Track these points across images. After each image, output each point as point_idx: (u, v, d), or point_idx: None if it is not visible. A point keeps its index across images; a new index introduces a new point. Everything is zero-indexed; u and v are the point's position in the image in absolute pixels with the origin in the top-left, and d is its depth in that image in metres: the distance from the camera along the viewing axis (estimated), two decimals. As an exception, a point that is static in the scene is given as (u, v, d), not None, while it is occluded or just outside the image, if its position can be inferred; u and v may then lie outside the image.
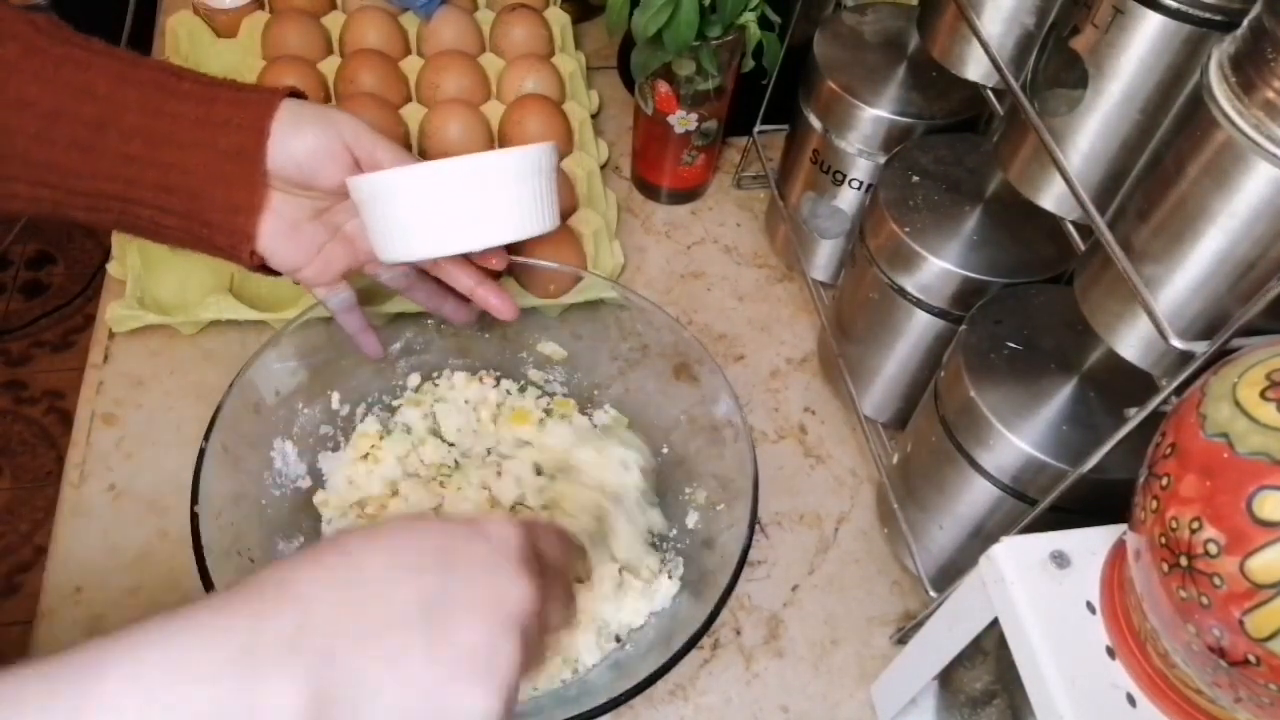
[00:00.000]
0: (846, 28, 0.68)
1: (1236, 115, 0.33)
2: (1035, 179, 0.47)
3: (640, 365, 0.64)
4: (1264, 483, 0.30)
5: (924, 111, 0.63)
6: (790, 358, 0.74)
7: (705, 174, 0.82)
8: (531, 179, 0.53)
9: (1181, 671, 0.36)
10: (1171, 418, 0.35)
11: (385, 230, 0.53)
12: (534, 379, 0.67)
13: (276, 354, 0.59)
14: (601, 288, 0.64)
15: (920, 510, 0.58)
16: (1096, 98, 0.42)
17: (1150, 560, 0.34)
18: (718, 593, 0.51)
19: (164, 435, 0.65)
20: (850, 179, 0.67)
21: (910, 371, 0.63)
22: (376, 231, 0.53)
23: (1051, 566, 0.41)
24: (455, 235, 0.52)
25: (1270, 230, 0.34)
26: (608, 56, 0.91)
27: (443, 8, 0.84)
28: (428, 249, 0.53)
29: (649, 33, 0.65)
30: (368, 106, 0.76)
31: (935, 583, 0.58)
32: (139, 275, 0.69)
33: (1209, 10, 0.37)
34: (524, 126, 0.77)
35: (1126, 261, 0.39)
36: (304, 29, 0.82)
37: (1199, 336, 0.38)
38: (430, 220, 0.52)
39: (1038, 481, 0.49)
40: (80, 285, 1.81)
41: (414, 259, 0.54)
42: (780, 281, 0.79)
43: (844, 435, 0.70)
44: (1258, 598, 0.30)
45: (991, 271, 0.55)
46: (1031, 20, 0.49)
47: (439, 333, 0.65)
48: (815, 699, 0.58)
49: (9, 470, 1.59)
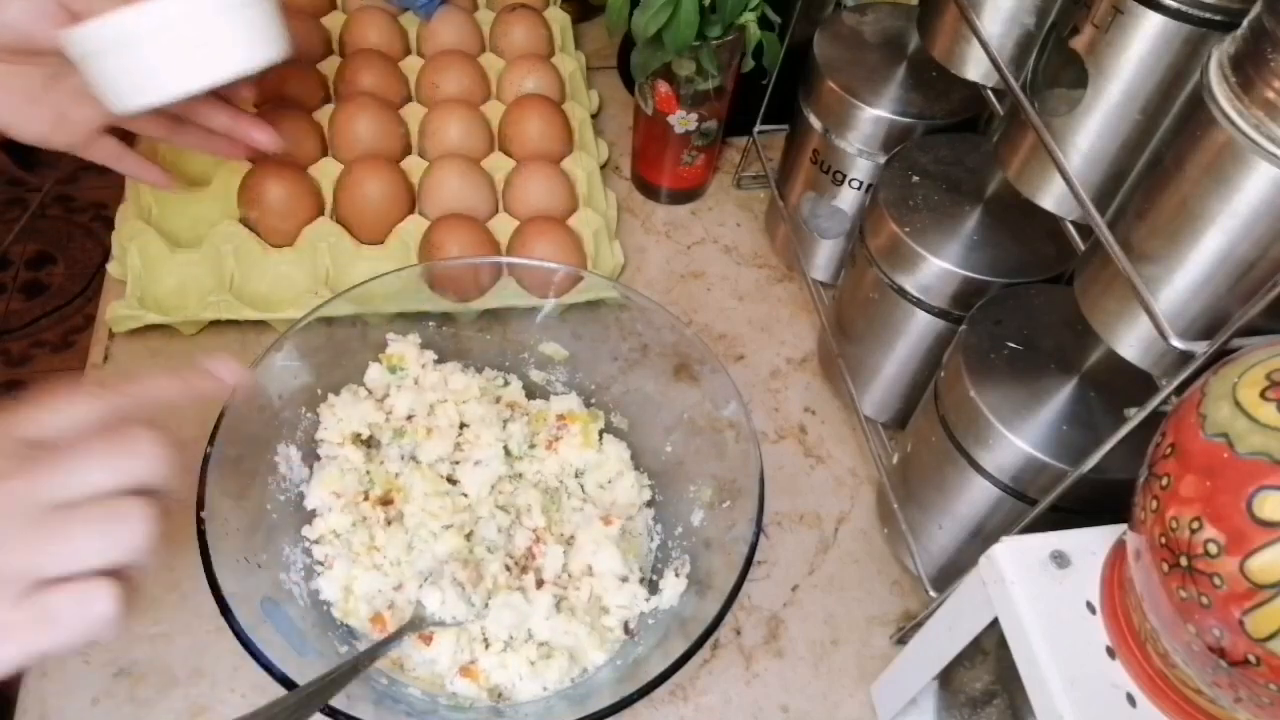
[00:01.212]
0: (846, 28, 0.68)
1: (1236, 115, 0.33)
2: (1035, 179, 0.47)
3: (640, 365, 0.64)
4: (1264, 483, 0.30)
5: (924, 111, 0.63)
6: (790, 358, 0.74)
7: (705, 174, 0.82)
8: (249, 3, 0.52)
9: (1181, 671, 0.36)
10: (1171, 418, 0.35)
11: (112, 80, 0.51)
12: (535, 379, 0.67)
13: (281, 356, 0.59)
14: (602, 287, 0.64)
15: (920, 510, 0.58)
16: (1096, 98, 0.42)
17: (1150, 560, 0.34)
18: (723, 593, 0.51)
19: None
20: (850, 179, 0.67)
21: (910, 371, 0.63)
22: (103, 83, 0.51)
23: (1051, 566, 0.41)
24: (184, 72, 0.51)
25: (1270, 230, 0.34)
26: (608, 56, 0.91)
27: (443, 8, 0.84)
28: (160, 91, 0.51)
29: (649, 33, 0.65)
30: (368, 106, 0.76)
31: (935, 583, 0.58)
32: (139, 275, 0.69)
33: (1209, 10, 0.37)
34: (524, 126, 0.77)
35: (1126, 261, 0.39)
36: (304, 29, 0.82)
37: (1199, 336, 0.38)
38: (156, 60, 0.50)
39: (1038, 481, 0.49)
40: (80, 285, 1.81)
41: (148, 104, 0.52)
42: (780, 281, 0.79)
43: (844, 435, 0.70)
44: (1258, 598, 0.30)
45: (991, 271, 0.55)
46: (1031, 20, 0.49)
47: (439, 334, 0.65)
48: (815, 699, 0.58)
49: (9, 470, 1.58)
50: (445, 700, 0.54)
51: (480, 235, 0.71)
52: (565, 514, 0.60)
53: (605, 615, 0.57)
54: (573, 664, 0.55)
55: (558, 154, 0.77)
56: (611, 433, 0.65)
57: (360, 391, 0.63)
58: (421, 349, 0.64)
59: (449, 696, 0.54)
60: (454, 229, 0.70)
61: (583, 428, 0.63)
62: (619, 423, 0.65)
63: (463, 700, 0.54)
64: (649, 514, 0.62)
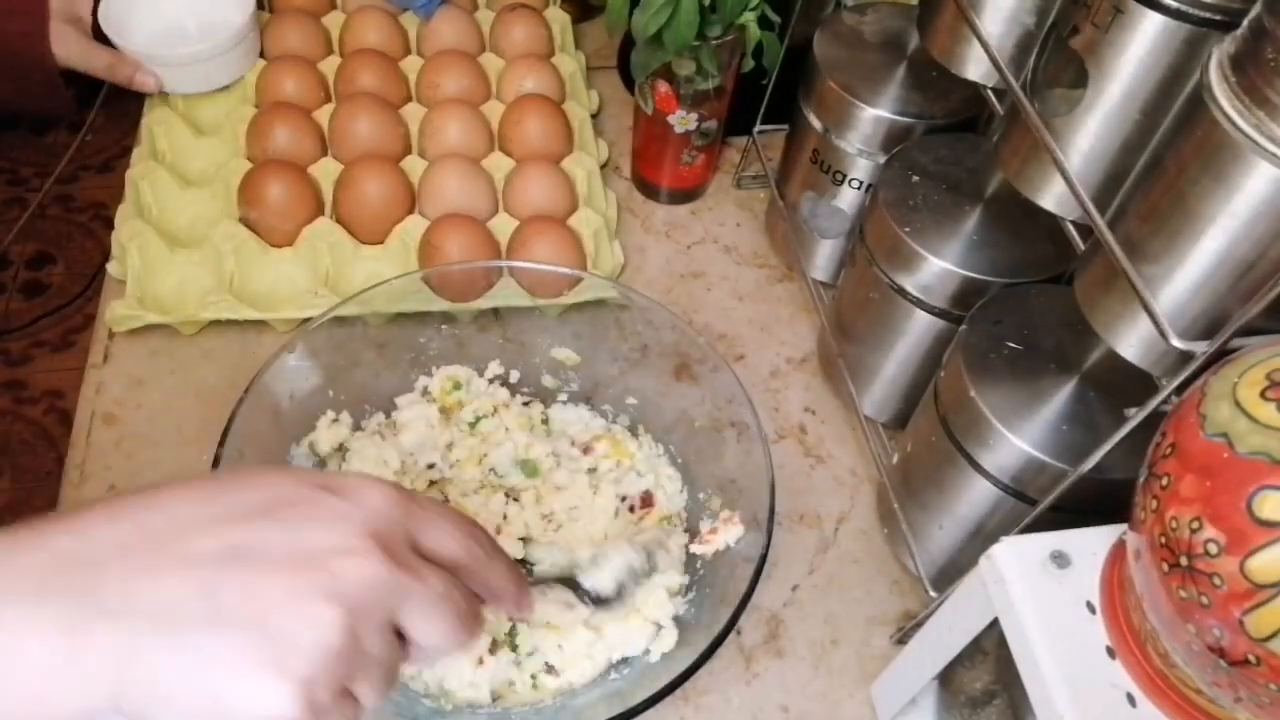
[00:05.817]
0: (846, 28, 0.68)
1: (1236, 115, 0.33)
2: (1035, 179, 0.47)
3: (640, 366, 0.64)
4: (1264, 483, 0.30)
5: (924, 111, 0.63)
6: (790, 358, 0.74)
7: (705, 174, 0.82)
8: None
9: (1181, 671, 0.36)
10: (1171, 418, 0.35)
11: None
12: (547, 385, 0.67)
13: (294, 357, 0.59)
14: (602, 288, 0.64)
15: (920, 510, 0.58)
16: (1096, 98, 0.42)
17: (1150, 560, 0.34)
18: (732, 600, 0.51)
19: (164, 435, 0.65)
20: (850, 179, 0.67)
21: (910, 371, 0.63)
22: None
23: (1051, 566, 0.41)
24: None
25: (1270, 230, 0.34)
26: (608, 56, 0.91)
27: (443, 8, 0.84)
28: None
29: (649, 33, 0.65)
30: (368, 106, 0.76)
31: (935, 583, 0.58)
32: (139, 275, 0.69)
33: (1209, 10, 0.37)
34: (524, 126, 0.77)
35: (1127, 261, 0.39)
36: (304, 29, 0.83)
37: (1199, 336, 0.38)
38: None
39: (1038, 481, 0.49)
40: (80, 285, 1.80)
41: None
42: (780, 281, 0.79)
43: (844, 435, 0.70)
44: (1258, 598, 0.30)
45: (991, 271, 0.55)
46: (1031, 20, 0.49)
47: (439, 333, 0.65)
48: (815, 699, 0.58)
49: (9, 470, 1.59)
50: (430, 702, 0.54)
51: (480, 235, 0.71)
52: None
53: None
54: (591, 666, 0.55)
55: (558, 154, 0.77)
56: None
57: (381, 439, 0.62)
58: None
59: (441, 696, 0.54)
60: (454, 229, 0.70)
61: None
62: (621, 423, 0.65)
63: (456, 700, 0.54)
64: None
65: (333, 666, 0.29)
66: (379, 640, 0.31)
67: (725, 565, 0.56)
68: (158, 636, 0.28)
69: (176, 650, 0.28)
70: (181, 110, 0.79)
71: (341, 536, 0.30)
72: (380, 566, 0.30)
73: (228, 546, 0.29)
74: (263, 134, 0.74)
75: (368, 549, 0.30)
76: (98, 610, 0.28)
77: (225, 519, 0.30)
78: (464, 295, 0.65)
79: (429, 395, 0.64)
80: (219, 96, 0.81)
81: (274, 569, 0.29)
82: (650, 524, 0.60)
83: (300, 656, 0.28)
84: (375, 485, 0.33)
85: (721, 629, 0.50)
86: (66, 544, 0.28)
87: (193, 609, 0.28)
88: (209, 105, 0.81)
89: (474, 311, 0.66)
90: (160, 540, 0.29)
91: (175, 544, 0.29)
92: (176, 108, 0.79)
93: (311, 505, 0.31)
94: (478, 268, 0.67)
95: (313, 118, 0.77)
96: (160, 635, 0.28)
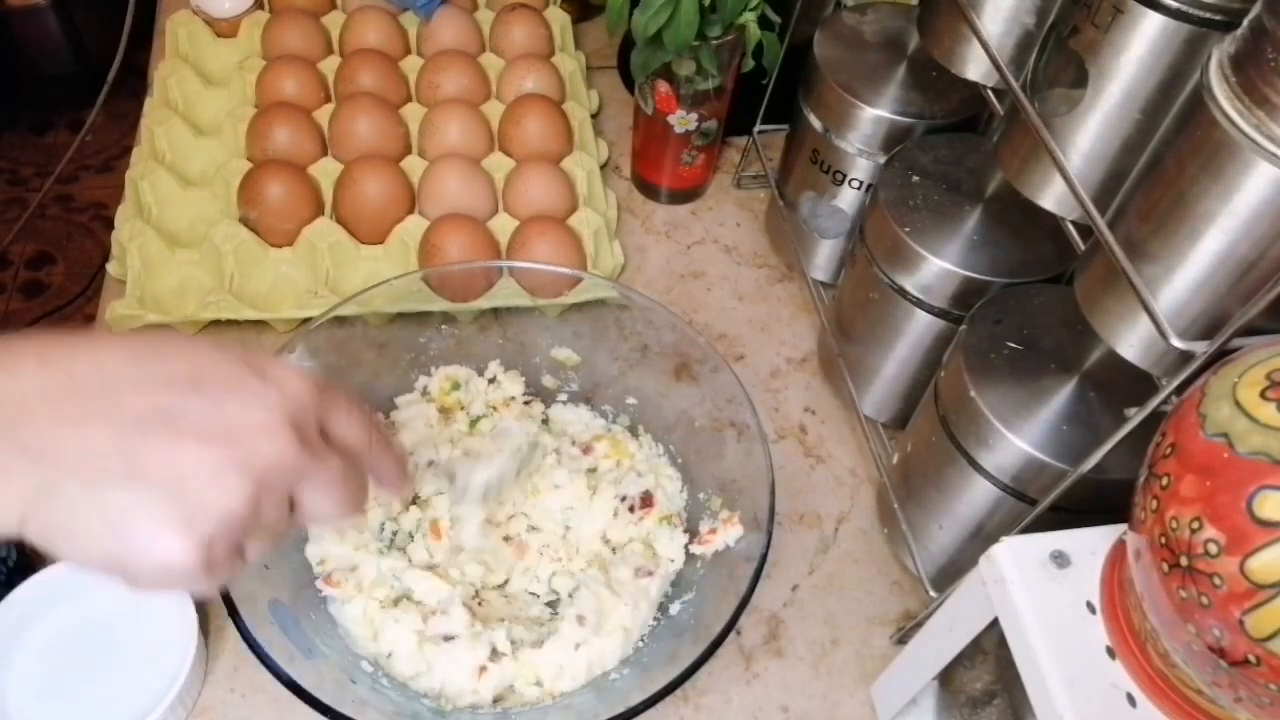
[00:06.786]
0: (846, 28, 0.68)
1: (1236, 115, 0.33)
2: (1035, 179, 0.47)
3: (640, 366, 0.64)
4: (1264, 483, 0.30)
5: (924, 111, 0.63)
6: (790, 358, 0.74)
7: (705, 174, 0.82)
8: None
9: (1181, 671, 0.36)
10: (1171, 418, 0.35)
11: None
12: (548, 385, 0.67)
13: (294, 357, 0.58)
14: (602, 288, 0.64)
15: (920, 510, 0.58)
16: (1096, 98, 0.42)
17: (1150, 560, 0.34)
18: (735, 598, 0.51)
19: (164, 435, 0.65)
20: (850, 179, 0.67)
21: (910, 371, 0.63)
22: None
23: (1051, 566, 0.41)
24: None
25: (1270, 230, 0.34)
26: (608, 56, 0.91)
27: (443, 8, 0.84)
28: None
29: (649, 33, 0.65)
30: (368, 106, 0.76)
31: (935, 583, 0.58)
32: (139, 275, 0.69)
33: (1209, 10, 0.37)
34: (524, 126, 0.77)
35: (1127, 261, 0.39)
36: (304, 29, 0.83)
37: (1199, 336, 0.38)
38: None
39: (1038, 481, 0.49)
40: (80, 285, 1.80)
41: None
42: (780, 281, 0.79)
43: (844, 435, 0.70)
44: (1258, 598, 0.30)
45: (991, 271, 0.55)
46: (1031, 20, 0.49)
47: (439, 333, 0.65)
48: (815, 699, 0.58)
49: (9, 470, 1.59)
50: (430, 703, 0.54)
51: (480, 235, 0.71)
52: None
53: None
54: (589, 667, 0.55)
55: (558, 154, 0.77)
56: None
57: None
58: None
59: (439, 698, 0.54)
60: (454, 229, 0.70)
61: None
62: (621, 423, 0.65)
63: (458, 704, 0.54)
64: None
65: (233, 529, 0.32)
66: (276, 510, 0.34)
67: (725, 565, 0.56)
68: (74, 483, 0.30)
69: (90, 497, 0.30)
70: (181, 110, 0.79)
71: (261, 416, 0.33)
72: (291, 447, 0.33)
73: (153, 409, 0.31)
74: (263, 134, 0.74)
75: (282, 430, 0.33)
76: (18, 450, 0.30)
77: (154, 382, 0.32)
78: (464, 295, 0.65)
79: (428, 395, 0.64)
80: (219, 96, 0.81)
81: (195, 437, 0.32)
82: (650, 524, 0.60)
83: (206, 518, 0.31)
84: (296, 373, 0.36)
85: (721, 629, 0.50)
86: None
87: (112, 463, 0.31)
88: (209, 105, 0.81)
89: (474, 311, 0.66)
90: (88, 393, 0.31)
91: (102, 398, 0.31)
92: (177, 108, 0.79)
93: (237, 383, 0.34)
94: (478, 268, 0.67)
95: (313, 118, 0.77)
96: (76, 482, 0.30)
